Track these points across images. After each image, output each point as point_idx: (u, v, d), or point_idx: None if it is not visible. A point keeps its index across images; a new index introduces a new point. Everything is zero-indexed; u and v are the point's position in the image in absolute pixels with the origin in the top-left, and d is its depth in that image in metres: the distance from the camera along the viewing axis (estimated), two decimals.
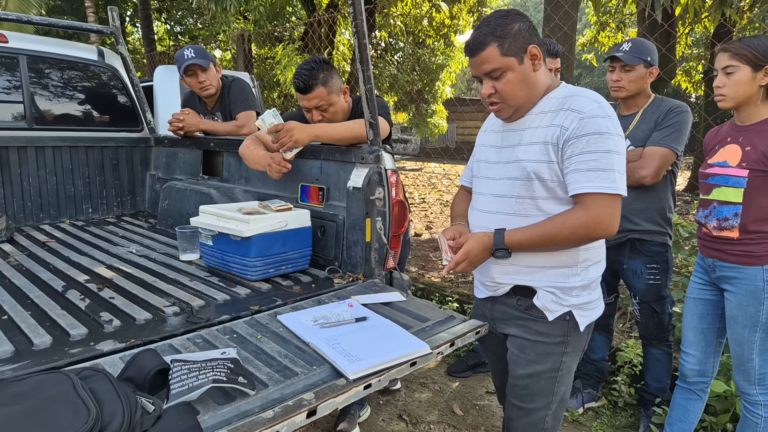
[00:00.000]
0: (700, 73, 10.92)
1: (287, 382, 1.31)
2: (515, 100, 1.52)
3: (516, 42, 1.46)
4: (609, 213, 1.43)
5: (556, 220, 1.47)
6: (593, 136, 1.41)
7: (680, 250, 3.40)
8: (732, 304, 2.02)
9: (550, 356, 1.61)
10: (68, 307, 1.78)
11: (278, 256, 2.13)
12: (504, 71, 1.48)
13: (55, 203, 3.35)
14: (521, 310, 1.63)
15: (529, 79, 1.50)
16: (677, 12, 6.42)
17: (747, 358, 2.00)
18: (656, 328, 2.55)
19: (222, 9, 7.53)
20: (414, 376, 3.23)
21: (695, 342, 2.21)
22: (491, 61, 1.48)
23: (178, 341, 1.53)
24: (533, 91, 1.52)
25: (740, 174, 1.93)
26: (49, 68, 3.34)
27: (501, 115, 1.59)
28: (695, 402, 2.26)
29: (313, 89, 2.30)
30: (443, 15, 10.71)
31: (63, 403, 1.02)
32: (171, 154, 3.52)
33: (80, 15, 12.52)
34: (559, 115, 1.48)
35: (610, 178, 1.41)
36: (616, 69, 2.41)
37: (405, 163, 18.15)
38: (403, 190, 2.31)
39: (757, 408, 2.05)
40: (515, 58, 1.47)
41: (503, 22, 1.46)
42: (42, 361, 1.38)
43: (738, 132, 2.02)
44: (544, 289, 1.57)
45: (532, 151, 1.51)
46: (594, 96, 1.48)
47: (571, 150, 1.44)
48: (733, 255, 1.98)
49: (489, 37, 1.46)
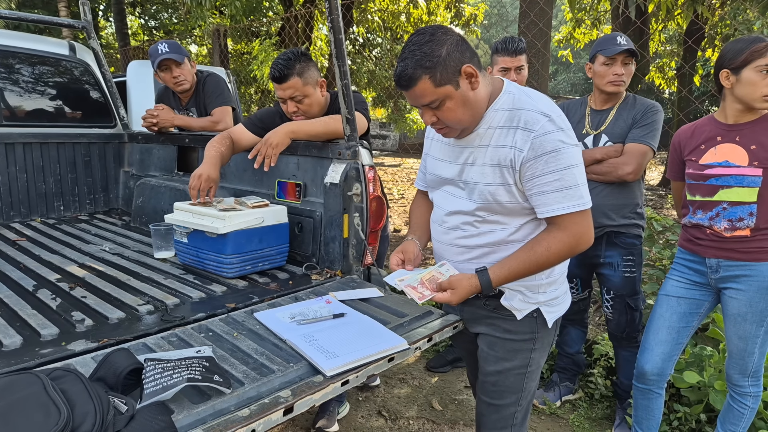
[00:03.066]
0: (673, 70, 11.10)
1: (263, 379, 1.30)
2: (460, 123, 1.46)
3: (447, 68, 1.36)
4: (586, 227, 1.44)
5: (538, 248, 1.45)
6: (550, 154, 1.38)
7: (654, 244, 3.46)
8: (739, 302, 2.01)
9: (519, 353, 1.63)
10: (39, 307, 1.74)
11: (255, 253, 2.11)
12: (442, 101, 1.40)
13: (26, 201, 3.28)
14: (489, 310, 1.63)
15: (469, 100, 1.42)
16: (650, 9, 6.53)
17: (749, 353, 2.03)
18: (628, 325, 2.57)
19: (197, 3, 7.43)
20: (393, 372, 3.24)
21: (666, 340, 2.18)
22: (426, 95, 1.40)
23: (152, 340, 1.51)
24: (476, 109, 1.46)
25: (755, 173, 1.92)
26: (19, 63, 3.26)
27: (449, 136, 1.53)
28: (656, 399, 2.27)
29: (288, 79, 2.26)
30: (421, 11, 10.71)
31: (33, 404, 1.00)
32: (145, 151, 3.46)
33: (51, 9, 12.25)
34: (509, 133, 1.43)
35: (577, 194, 1.40)
36: (618, 63, 2.37)
37: (384, 159, 18.15)
38: (381, 186, 2.31)
39: (745, 399, 2.09)
40: (450, 85, 1.38)
41: (429, 50, 1.35)
42: (12, 362, 1.35)
43: (730, 131, 1.99)
44: (511, 289, 1.57)
45: (486, 174, 1.48)
46: (542, 107, 1.42)
47: (531, 172, 1.41)
48: (744, 253, 1.97)
49: (418, 71, 1.36)
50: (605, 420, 2.80)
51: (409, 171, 14.04)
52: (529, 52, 2.93)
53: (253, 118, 2.47)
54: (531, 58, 4.26)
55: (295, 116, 2.35)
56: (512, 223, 1.51)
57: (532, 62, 4.30)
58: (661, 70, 11.23)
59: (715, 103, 19.41)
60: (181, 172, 3.14)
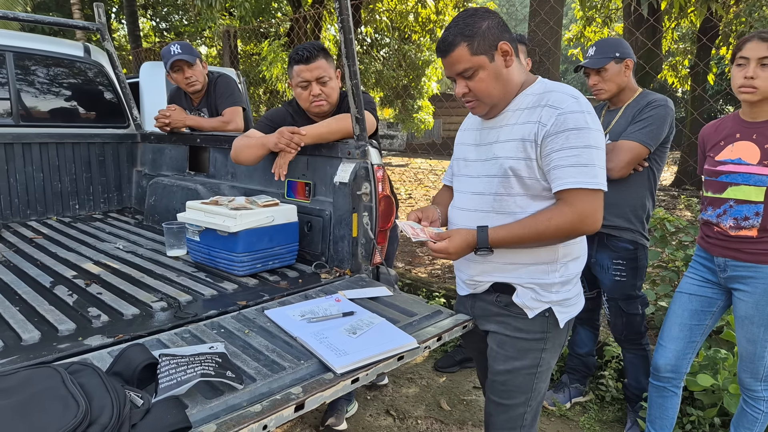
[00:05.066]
0: (686, 68, 11.00)
1: (275, 376, 1.32)
2: (490, 98, 1.53)
3: (485, 40, 1.46)
4: (593, 208, 1.44)
5: (541, 217, 1.47)
6: (572, 131, 1.41)
7: (667, 245, 3.44)
8: (747, 304, 1.99)
9: (529, 352, 1.62)
10: (56, 303, 1.78)
11: (265, 252, 2.14)
12: (476, 70, 1.49)
13: (42, 200, 3.33)
14: (501, 307, 1.64)
15: (501, 75, 1.50)
16: (663, 7, 6.47)
17: (759, 356, 2.00)
18: (625, 328, 2.53)
19: (207, 5, 7.49)
20: (401, 371, 3.25)
21: (678, 337, 2.18)
22: (462, 61, 1.48)
23: (166, 336, 1.53)
24: (507, 87, 1.53)
25: (762, 172, 1.89)
26: (35, 65, 3.32)
27: (477, 111, 1.59)
28: (671, 398, 2.25)
29: (316, 59, 2.29)
30: (429, 10, 10.70)
31: (52, 397, 1.03)
32: (157, 150, 3.50)
33: (66, 12, 12.38)
34: (536, 111, 1.48)
35: (592, 173, 1.42)
36: (591, 74, 2.43)
37: (391, 159, 18.15)
38: (391, 186, 2.32)
39: (759, 403, 2.06)
40: (486, 56, 1.47)
41: (471, 21, 1.47)
42: (30, 356, 1.39)
43: (749, 128, 1.96)
44: (524, 286, 1.57)
45: (509, 148, 1.52)
46: (571, 91, 1.48)
47: (550, 146, 1.44)
48: (750, 254, 1.94)
49: (458, 38, 1.46)
50: (616, 423, 2.78)
51: (417, 171, 14.01)
52: (539, 50, 2.94)
53: (263, 120, 2.50)
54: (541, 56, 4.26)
55: (317, 100, 2.34)
56: (528, 208, 1.52)
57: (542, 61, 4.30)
58: (673, 69, 11.14)
59: (729, 101, 19.21)
60: (193, 171, 3.17)
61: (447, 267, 5.15)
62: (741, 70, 1.91)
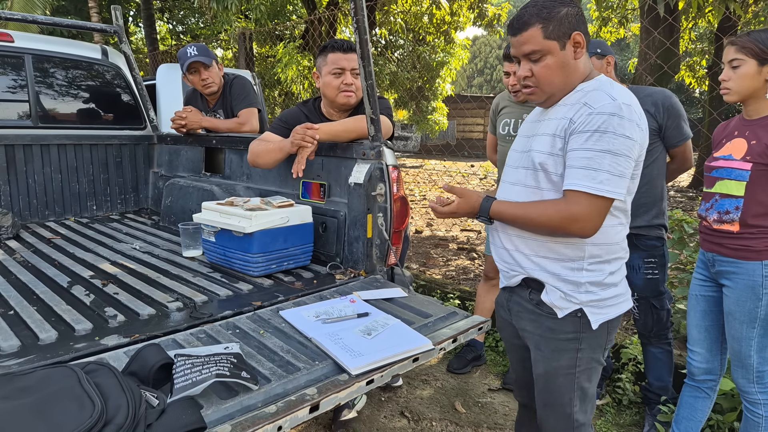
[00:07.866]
0: (704, 68, 10.86)
1: (290, 377, 1.32)
2: (550, 87, 1.48)
3: (561, 26, 1.43)
4: (587, 213, 1.39)
5: (539, 205, 1.47)
6: (594, 133, 1.38)
7: (685, 247, 3.38)
8: (730, 300, 2.00)
9: (564, 353, 1.58)
10: (73, 303, 1.80)
11: (280, 252, 2.14)
12: (544, 55, 1.45)
13: (60, 200, 3.38)
14: (533, 305, 1.60)
15: (568, 66, 1.46)
16: (680, 6, 6.39)
17: (745, 355, 1.99)
18: (655, 324, 2.54)
19: (223, 8, 7.54)
20: (415, 373, 3.24)
21: (700, 339, 2.18)
22: (532, 43, 1.44)
23: (182, 336, 1.54)
24: (570, 79, 1.48)
25: (743, 167, 1.92)
26: (53, 67, 3.36)
27: (534, 98, 1.55)
28: (703, 400, 2.23)
29: (353, 52, 2.33)
30: (443, 12, 10.67)
31: (68, 396, 1.04)
32: (173, 152, 3.53)
33: (84, 15, 12.53)
34: (574, 108, 1.45)
35: (598, 178, 1.37)
36: None
37: (405, 160, 18.14)
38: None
39: (756, 407, 2.03)
40: (557, 43, 1.43)
41: (551, 5, 1.43)
42: (47, 356, 1.40)
43: (745, 126, 2.01)
44: (552, 285, 1.54)
45: (541, 143, 1.50)
46: (615, 93, 1.42)
47: (571, 144, 1.42)
48: (732, 249, 1.97)
49: (534, 18, 1.43)
50: (633, 427, 2.74)
51: (431, 172, 14.00)
52: None
53: (277, 122, 2.51)
54: None
55: (347, 90, 2.36)
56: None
57: None
58: (691, 69, 11.00)
59: None
60: (209, 172, 3.19)
61: (461, 269, 5.13)
62: (726, 70, 2.00)
